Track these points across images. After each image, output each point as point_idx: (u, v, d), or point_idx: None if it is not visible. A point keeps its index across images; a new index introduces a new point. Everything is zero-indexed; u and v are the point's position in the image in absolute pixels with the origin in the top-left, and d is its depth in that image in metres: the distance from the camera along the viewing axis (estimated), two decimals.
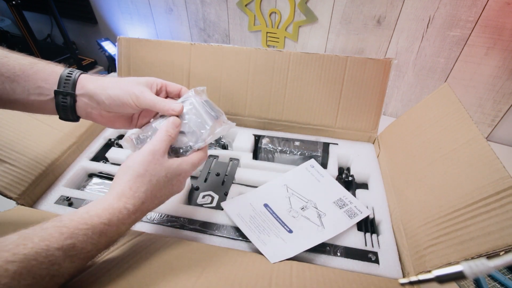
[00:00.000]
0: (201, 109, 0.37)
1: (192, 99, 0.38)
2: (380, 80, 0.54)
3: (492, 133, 0.79)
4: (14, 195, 0.43)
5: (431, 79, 0.79)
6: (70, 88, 0.35)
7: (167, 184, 0.34)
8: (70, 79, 0.35)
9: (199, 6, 0.97)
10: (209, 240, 0.41)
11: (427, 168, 0.41)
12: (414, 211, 0.40)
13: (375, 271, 0.38)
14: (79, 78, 0.36)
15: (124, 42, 0.60)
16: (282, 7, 0.84)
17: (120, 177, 0.32)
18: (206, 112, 0.37)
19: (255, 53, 0.56)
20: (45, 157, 0.48)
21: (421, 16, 0.71)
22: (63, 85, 0.35)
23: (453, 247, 0.32)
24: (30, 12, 1.29)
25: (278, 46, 0.94)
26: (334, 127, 0.58)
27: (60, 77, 0.35)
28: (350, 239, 0.41)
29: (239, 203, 0.45)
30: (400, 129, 0.52)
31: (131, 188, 0.31)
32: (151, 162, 0.32)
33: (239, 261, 0.35)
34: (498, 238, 0.28)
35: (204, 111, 0.37)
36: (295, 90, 0.57)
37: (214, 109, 0.39)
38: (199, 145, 0.37)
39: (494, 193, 0.30)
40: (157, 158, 0.33)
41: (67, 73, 0.35)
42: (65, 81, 0.35)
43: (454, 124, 0.40)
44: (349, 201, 0.46)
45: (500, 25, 0.64)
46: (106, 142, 0.59)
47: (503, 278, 0.47)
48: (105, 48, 1.12)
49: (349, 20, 0.79)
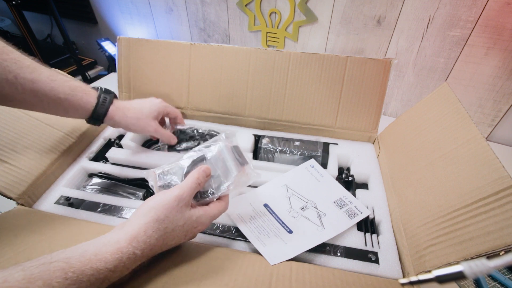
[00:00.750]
0: (228, 155, 0.37)
1: (221, 143, 0.38)
2: (380, 80, 0.54)
3: (492, 133, 0.79)
4: (14, 195, 0.43)
5: (431, 79, 0.79)
6: (101, 117, 0.45)
7: (181, 233, 0.33)
8: (103, 109, 0.45)
9: (199, 6, 0.97)
10: (209, 240, 0.41)
11: (427, 168, 0.41)
12: (414, 211, 0.40)
13: (375, 271, 0.38)
14: (110, 109, 0.45)
15: (124, 42, 0.60)
16: (282, 7, 0.84)
17: (138, 217, 0.31)
18: (233, 159, 0.37)
19: (255, 53, 0.56)
20: (45, 157, 0.48)
21: (421, 16, 0.71)
22: (96, 115, 0.44)
23: (453, 247, 0.32)
24: (30, 12, 1.29)
25: (278, 46, 0.94)
26: (334, 127, 0.58)
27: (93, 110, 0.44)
28: (350, 239, 0.41)
29: (239, 203, 0.45)
30: (400, 129, 0.52)
31: (146, 232, 0.30)
32: (174, 209, 0.32)
33: (239, 265, 0.35)
34: (497, 238, 0.28)
35: (232, 157, 0.37)
36: (295, 90, 0.57)
37: (242, 156, 0.38)
38: (222, 191, 0.36)
39: (493, 193, 0.30)
40: (180, 206, 0.32)
41: (101, 104, 0.44)
42: (99, 111, 0.44)
43: (453, 124, 0.40)
44: (349, 201, 0.46)
45: (500, 25, 0.64)
46: (106, 142, 0.59)
47: (503, 278, 0.47)
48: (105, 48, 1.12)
49: (349, 20, 0.79)
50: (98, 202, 0.46)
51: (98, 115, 0.45)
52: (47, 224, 0.40)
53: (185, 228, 0.33)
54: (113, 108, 0.46)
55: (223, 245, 0.40)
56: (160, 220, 0.31)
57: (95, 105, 0.44)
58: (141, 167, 0.54)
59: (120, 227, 0.31)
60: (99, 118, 0.45)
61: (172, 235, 0.32)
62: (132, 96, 0.64)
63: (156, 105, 0.51)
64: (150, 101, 0.51)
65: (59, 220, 0.41)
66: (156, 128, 0.50)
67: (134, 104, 0.50)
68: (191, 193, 0.34)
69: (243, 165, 0.38)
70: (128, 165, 0.54)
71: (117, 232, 0.30)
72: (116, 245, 0.29)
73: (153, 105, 0.51)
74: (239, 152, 0.39)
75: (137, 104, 0.50)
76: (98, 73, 1.34)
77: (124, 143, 0.57)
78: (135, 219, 0.31)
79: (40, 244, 0.36)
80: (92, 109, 0.44)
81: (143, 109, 0.49)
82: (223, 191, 0.36)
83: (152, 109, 0.50)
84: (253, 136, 0.59)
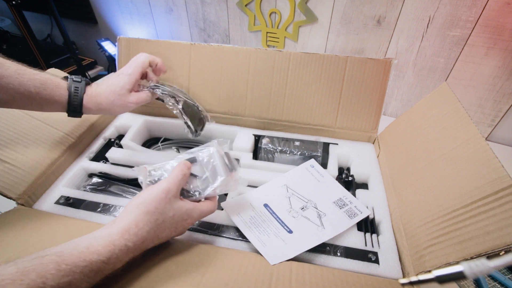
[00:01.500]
0: (219, 159, 0.39)
1: (213, 148, 0.40)
2: (380, 80, 0.54)
3: (492, 133, 0.79)
4: (14, 195, 0.43)
5: (431, 79, 0.79)
6: (79, 109, 0.43)
7: (171, 226, 0.34)
8: (77, 102, 0.43)
9: (199, 6, 0.97)
10: (209, 240, 0.41)
11: (427, 168, 0.41)
12: (414, 211, 0.40)
13: (375, 271, 0.38)
14: (84, 100, 0.43)
15: (124, 42, 0.60)
16: (282, 7, 0.84)
17: (129, 211, 0.32)
18: (223, 164, 0.39)
19: (255, 53, 0.56)
20: (45, 157, 0.48)
21: (421, 16, 0.71)
22: (72, 107, 0.43)
23: (452, 247, 0.32)
24: (30, 12, 1.29)
25: (278, 46, 0.94)
26: (334, 127, 0.58)
27: (68, 103, 0.42)
28: (350, 239, 0.41)
29: (239, 203, 0.45)
30: (400, 129, 0.52)
31: (137, 225, 0.31)
32: (163, 201, 0.33)
33: (239, 265, 0.35)
34: (496, 238, 0.28)
35: (222, 162, 0.39)
36: (295, 90, 0.57)
37: (231, 163, 0.40)
38: (207, 192, 0.37)
39: (493, 193, 0.30)
40: (169, 198, 0.33)
41: (73, 95, 0.42)
42: (73, 105, 0.42)
43: (452, 124, 0.40)
44: (349, 201, 0.46)
45: (500, 25, 0.64)
46: (106, 142, 0.59)
47: (503, 278, 0.47)
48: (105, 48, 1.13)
49: (349, 20, 0.79)
50: (98, 202, 0.46)
51: (74, 107, 0.43)
52: (47, 224, 0.40)
53: (175, 220, 0.34)
54: (86, 99, 0.43)
55: (223, 245, 0.40)
56: (150, 212, 0.32)
57: (68, 98, 0.42)
58: None
59: (111, 223, 0.32)
60: (76, 110, 0.43)
61: (163, 227, 0.33)
62: None
63: (125, 76, 0.46)
64: (118, 75, 0.46)
65: (59, 220, 0.41)
66: (137, 100, 0.46)
67: (104, 87, 0.45)
68: (178, 184, 0.35)
69: (232, 171, 0.39)
70: (128, 165, 0.54)
71: (109, 227, 0.31)
72: (108, 238, 0.29)
73: (121, 79, 0.45)
74: (229, 158, 0.40)
75: (107, 86, 0.45)
76: (98, 73, 1.34)
77: (124, 143, 0.57)
78: (125, 214, 0.32)
79: (40, 244, 0.36)
80: (66, 102, 0.42)
81: (114, 89, 0.45)
82: (209, 192, 0.38)
83: (122, 83, 0.45)
84: (253, 136, 0.59)
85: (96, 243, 0.29)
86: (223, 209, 0.45)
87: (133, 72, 0.46)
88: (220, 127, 0.61)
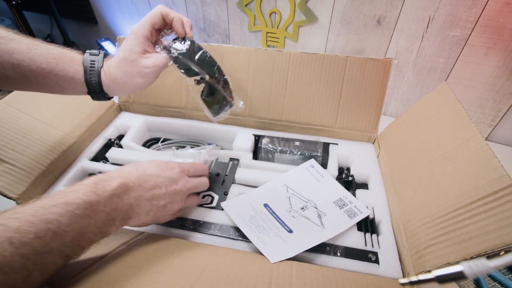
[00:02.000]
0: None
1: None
2: (380, 80, 0.54)
3: (492, 133, 0.79)
4: (14, 195, 0.43)
5: (431, 79, 0.79)
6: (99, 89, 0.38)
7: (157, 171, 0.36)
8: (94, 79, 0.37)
9: (199, 6, 0.97)
10: (209, 240, 0.41)
11: (426, 168, 0.41)
12: (414, 211, 0.40)
13: (375, 271, 0.38)
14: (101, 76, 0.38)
15: None
16: (282, 7, 0.84)
17: None
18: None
19: (255, 53, 0.56)
20: (45, 157, 0.48)
21: (421, 16, 0.71)
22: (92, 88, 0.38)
23: (452, 247, 0.32)
24: (30, 12, 1.29)
25: (278, 46, 0.94)
26: (334, 127, 0.58)
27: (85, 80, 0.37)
28: (350, 239, 0.41)
29: (239, 203, 0.45)
30: (400, 129, 0.52)
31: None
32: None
33: (239, 261, 0.35)
34: (496, 237, 0.28)
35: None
36: (295, 90, 0.57)
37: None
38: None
39: (492, 192, 0.30)
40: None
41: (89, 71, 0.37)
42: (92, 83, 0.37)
43: (452, 123, 0.40)
44: (349, 201, 0.46)
45: (500, 25, 0.64)
46: (106, 142, 0.59)
47: (503, 278, 0.47)
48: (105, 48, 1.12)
49: (349, 20, 0.79)
50: None
51: (93, 86, 0.37)
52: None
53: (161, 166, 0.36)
54: (104, 75, 0.38)
55: (223, 245, 0.40)
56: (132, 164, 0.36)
57: (84, 74, 0.37)
58: None
59: None
60: (96, 90, 0.38)
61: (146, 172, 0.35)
62: (132, 96, 0.64)
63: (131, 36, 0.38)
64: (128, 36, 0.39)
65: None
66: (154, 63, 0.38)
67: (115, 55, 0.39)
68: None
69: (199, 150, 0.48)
70: None
71: None
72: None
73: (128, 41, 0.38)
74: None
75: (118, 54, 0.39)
76: None
77: (124, 143, 0.57)
78: None
79: None
80: (83, 79, 0.37)
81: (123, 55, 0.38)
82: None
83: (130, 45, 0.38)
84: (253, 136, 0.59)
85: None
86: (223, 209, 0.45)
87: (140, 28, 0.38)
88: (220, 127, 0.61)
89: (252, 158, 0.55)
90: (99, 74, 0.37)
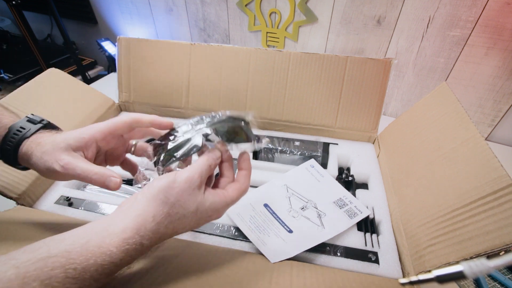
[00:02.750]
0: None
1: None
2: (380, 80, 0.54)
3: (492, 133, 0.79)
4: (14, 195, 0.43)
5: (431, 79, 0.79)
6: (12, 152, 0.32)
7: (192, 221, 0.29)
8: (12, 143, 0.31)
9: (199, 6, 0.97)
10: (209, 240, 0.41)
11: (426, 168, 0.41)
12: (414, 210, 0.40)
13: (375, 271, 0.38)
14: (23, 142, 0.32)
15: (124, 42, 0.60)
16: (282, 7, 0.84)
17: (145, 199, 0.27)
18: None
19: (255, 53, 0.56)
20: None
21: (421, 16, 0.71)
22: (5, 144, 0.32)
23: (452, 247, 0.32)
24: (30, 12, 1.29)
25: (278, 46, 0.94)
26: (334, 127, 0.58)
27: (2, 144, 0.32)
28: (350, 239, 0.41)
29: (239, 203, 0.45)
30: (400, 129, 0.52)
31: (154, 218, 0.26)
32: (185, 192, 0.27)
33: (239, 261, 0.35)
34: (496, 237, 0.28)
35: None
36: (295, 90, 0.57)
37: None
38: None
39: (492, 192, 0.30)
40: (192, 189, 0.28)
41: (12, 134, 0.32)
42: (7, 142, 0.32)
43: (452, 123, 0.40)
44: (349, 201, 0.46)
45: (500, 25, 0.64)
46: None
47: (503, 278, 0.47)
48: (105, 48, 1.12)
49: (349, 20, 0.79)
50: (98, 202, 0.46)
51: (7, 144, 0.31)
52: (47, 223, 0.40)
53: (198, 216, 0.29)
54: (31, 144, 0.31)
55: (223, 245, 0.40)
56: (170, 203, 0.27)
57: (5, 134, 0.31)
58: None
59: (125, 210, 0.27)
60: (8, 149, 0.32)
61: (184, 222, 0.28)
62: (132, 96, 0.64)
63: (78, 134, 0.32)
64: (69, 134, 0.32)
65: (59, 220, 0.41)
66: (68, 163, 0.29)
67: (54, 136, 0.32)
68: (201, 174, 0.29)
69: None
70: None
71: (122, 218, 0.26)
72: (122, 235, 0.25)
73: (71, 135, 0.31)
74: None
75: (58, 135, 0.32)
76: (98, 73, 1.34)
77: None
78: (141, 202, 0.27)
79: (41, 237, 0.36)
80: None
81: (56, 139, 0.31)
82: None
83: (71, 136, 0.31)
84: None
85: (109, 241, 0.24)
86: None
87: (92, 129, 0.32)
88: None
89: (252, 158, 0.55)
90: (21, 140, 0.31)
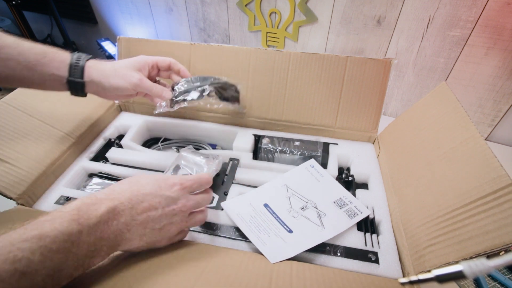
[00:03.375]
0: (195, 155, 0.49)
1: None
2: (380, 80, 0.54)
3: (492, 133, 0.79)
4: (14, 195, 0.43)
5: (431, 79, 0.79)
6: (79, 76, 0.40)
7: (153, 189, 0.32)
8: (78, 67, 0.40)
9: (199, 6, 0.97)
10: (209, 240, 0.41)
11: (426, 168, 0.41)
12: (414, 210, 0.40)
13: (375, 271, 0.38)
14: (85, 66, 0.41)
15: (124, 42, 0.60)
16: (282, 7, 0.84)
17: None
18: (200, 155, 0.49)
19: (255, 53, 0.56)
20: (45, 157, 0.48)
21: (421, 16, 0.71)
22: (73, 73, 0.40)
23: (452, 247, 0.32)
24: (30, 12, 1.29)
25: (278, 46, 0.94)
26: (334, 127, 0.58)
27: (69, 66, 0.40)
28: (350, 239, 0.41)
29: (239, 203, 0.45)
30: (399, 129, 0.52)
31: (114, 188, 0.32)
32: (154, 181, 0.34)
33: (239, 261, 0.35)
34: (496, 237, 0.28)
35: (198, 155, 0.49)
36: (295, 90, 0.57)
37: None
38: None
39: (492, 192, 0.30)
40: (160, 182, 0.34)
41: (75, 62, 0.40)
42: (74, 69, 0.40)
43: (452, 123, 0.40)
44: (349, 201, 0.46)
45: (500, 25, 0.64)
46: (106, 142, 0.59)
47: (503, 278, 0.47)
48: (105, 48, 1.12)
49: (349, 20, 0.79)
50: None
51: (75, 71, 0.40)
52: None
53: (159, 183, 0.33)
54: (89, 64, 0.41)
55: (223, 245, 0.40)
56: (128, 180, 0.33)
57: (70, 62, 0.40)
58: (141, 167, 0.54)
59: None
60: (77, 74, 0.40)
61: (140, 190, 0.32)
62: None
63: (136, 59, 0.45)
64: (129, 58, 0.46)
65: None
66: (141, 79, 0.43)
67: (111, 62, 0.45)
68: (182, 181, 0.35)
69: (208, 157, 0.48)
70: (128, 165, 0.54)
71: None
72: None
73: (132, 59, 0.45)
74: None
75: (115, 62, 0.45)
76: None
77: (124, 143, 0.57)
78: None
79: None
80: (68, 67, 0.40)
81: (120, 62, 0.44)
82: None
83: (132, 61, 0.45)
84: (253, 136, 0.59)
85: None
86: (223, 209, 0.45)
87: (145, 57, 0.46)
88: (220, 127, 0.61)
89: (252, 158, 0.55)
90: (83, 68, 0.40)
